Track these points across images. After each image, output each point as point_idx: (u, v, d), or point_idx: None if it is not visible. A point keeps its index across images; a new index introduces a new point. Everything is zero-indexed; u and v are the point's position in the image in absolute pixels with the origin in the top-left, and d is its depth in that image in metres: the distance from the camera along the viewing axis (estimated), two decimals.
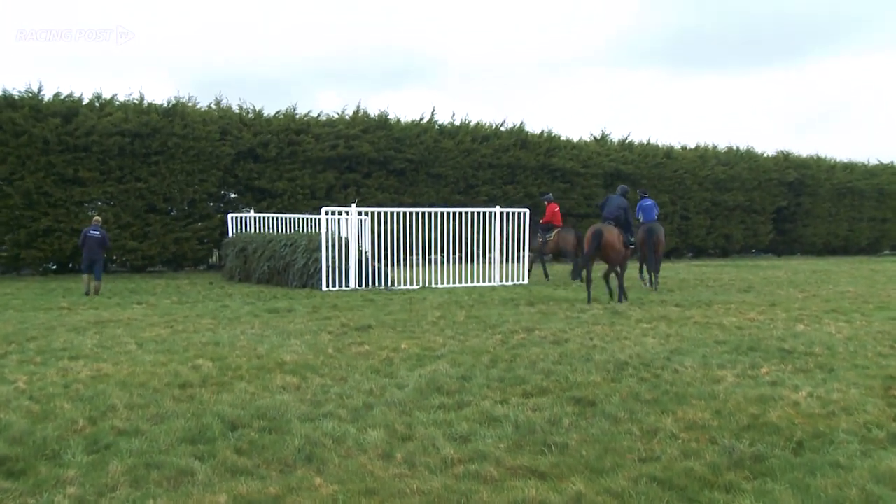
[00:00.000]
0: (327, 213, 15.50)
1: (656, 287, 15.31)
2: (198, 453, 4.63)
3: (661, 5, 64.86)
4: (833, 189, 33.63)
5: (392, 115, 24.66)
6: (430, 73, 66.72)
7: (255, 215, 19.77)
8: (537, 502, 3.92)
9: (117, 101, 20.70)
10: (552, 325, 9.95)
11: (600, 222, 13.23)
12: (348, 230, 15.66)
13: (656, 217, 16.39)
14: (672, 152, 30.05)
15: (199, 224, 21.86)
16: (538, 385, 6.40)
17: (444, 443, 4.84)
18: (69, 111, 19.78)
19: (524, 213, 17.46)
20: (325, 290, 14.80)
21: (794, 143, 72.52)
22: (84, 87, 48.49)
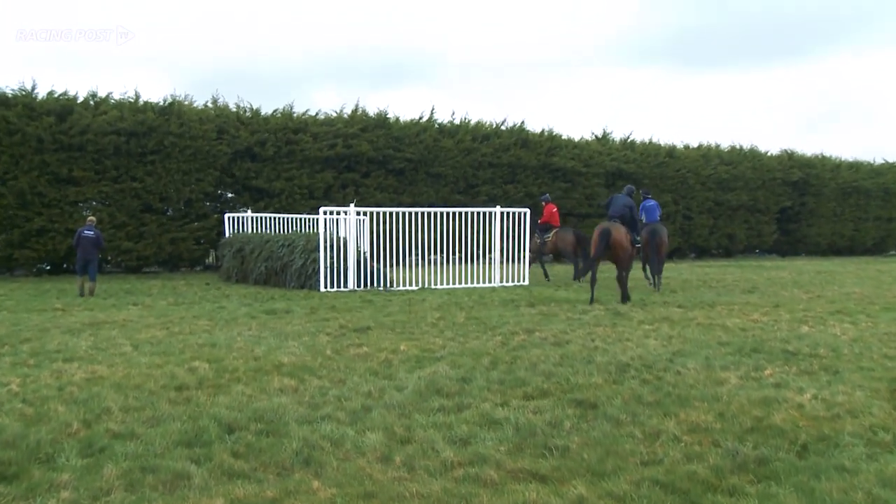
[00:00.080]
0: (325, 213, 15.50)
1: (659, 288, 15.36)
2: (194, 457, 4.63)
3: (662, 3, 64.95)
4: (838, 188, 33.63)
5: (391, 114, 24.67)
6: (429, 71, 66.80)
7: (253, 215, 19.77)
8: None
9: (112, 100, 20.67)
10: (553, 326, 9.95)
11: (606, 221, 13.24)
12: (347, 230, 15.66)
13: (659, 218, 16.47)
14: (674, 151, 30.04)
15: (195, 224, 21.84)
16: (539, 387, 6.40)
17: (443, 446, 4.84)
18: (63, 110, 19.76)
19: (525, 213, 17.46)
20: (323, 291, 14.79)
21: (798, 142, 72.64)
22: (78, 86, 48.56)
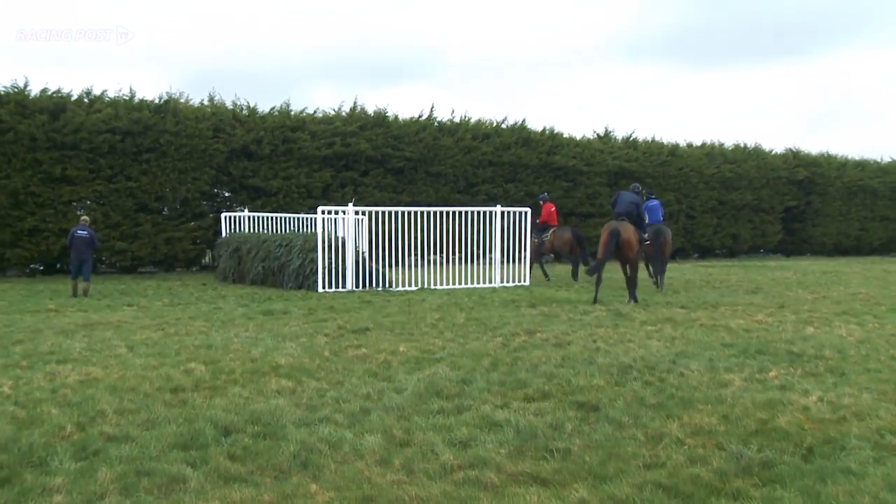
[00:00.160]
0: (323, 213, 15.50)
1: (662, 288, 15.39)
2: (190, 460, 4.63)
3: (663, 1, 64.94)
4: (844, 187, 33.64)
5: (390, 112, 24.70)
6: (429, 69, 66.79)
7: (250, 214, 19.77)
8: None
9: (107, 98, 20.67)
10: (554, 327, 9.95)
11: (614, 220, 13.27)
12: (345, 230, 15.66)
13: (661, 218, 16.54)
14: (677, 150, 30.05)
15: (191, 224, 21.85)
16: (540, 389, 6.40)
17: (443, 448, 4.83)
18: (56, 107, 19.75)
19: (525, 213, 17.46)
20: (321, 292, 14.79)
21: (803, 141, 72.57)
22: (72, 83, 48.48)
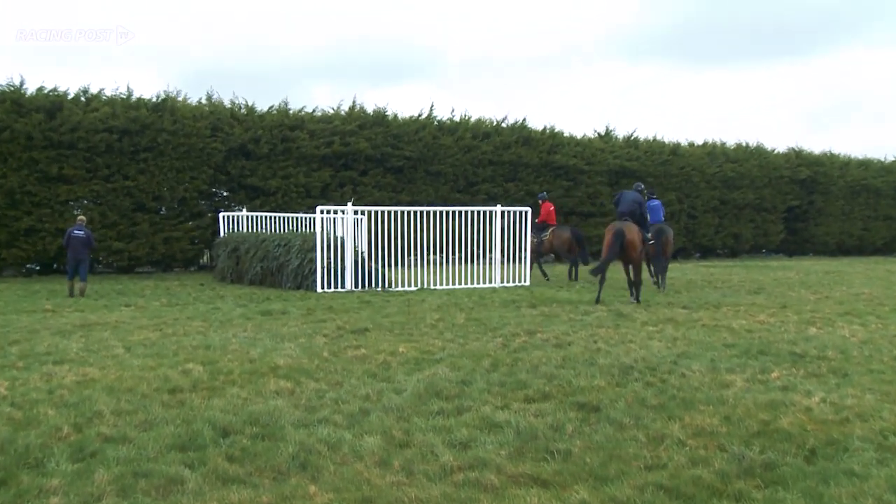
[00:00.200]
0: (322, 213, 15.50)
1: (664, 288, 15.41)
2: (188, 461, 4.63)
3: None
4: (847, 187, 33.64)
5: (389, 111, 24.70)
6: (428, 67, 66.80)
7: (248, 214, 19.76)
8: None
9: (104, 96, 20.66)
10: (555, 327, 9.95)
11: (617, 220, 13.29)
12: (344, 230, 15.65)
13: (663, 218, 16.59)
14: (679, 149, 30.06)
15: (189, 223, 21.85)
16: (540, 390, 6.40)
17: (443, 449, 4.83)
18: (53, 106, 19.73)
19: (526, 213, 17.46)
20: (320, 292, 14.79)
21: (806, 140, 72.55)
22: (69, 82, 48.45)
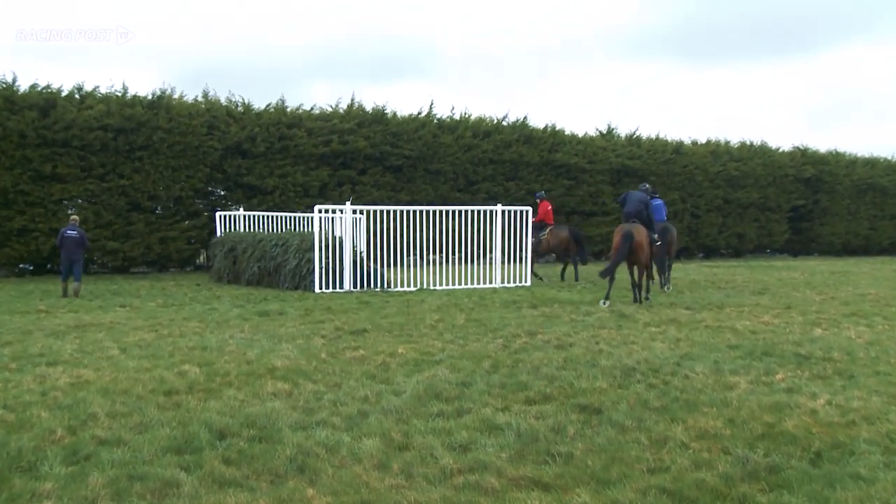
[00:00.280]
0: (320, 212, 15.49)
1: (668, 287, 15.47)
2: (184, 464, 4.63)
3: None
4: (853, 186, 33.63)
5: (388, 109, 24.70)
6: (428, 65, 66.80)
7: (245, 213, 19.76)
8: None
9: (99, 94, 20.64)
10: (556, 328, 9.95)
11: (624, 221, 13.36)
12: (342, 229, 15.65)
13: (665, 217, 16.63)
14: (682, 147, 30.06)
15: (185, 223, 21.85)
16: (541, 392, 6.40)
17: (442, 452, 4.83)
18: (46, 103, 19.71)
19: (527, 212, 17.46)
20: (318, 292, 14.79)
21: (811, 138, 72.60)
22: (63, 80, 48.46)
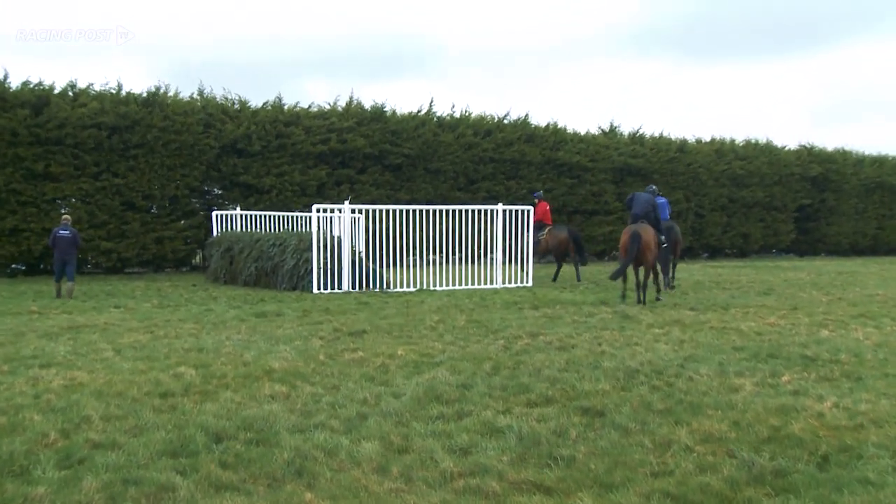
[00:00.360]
0: (319, 211, 15.49)
1: (672, 286, 15.51)
2: (179, 467, 4.63)
3: None
4: (861, 184, 33.64)
5: (388, 107, 24.72)
6: (428, 62, 66.81)
7: (242, 213, 19.76)
8: None
9: (92, 91, 20.64)
10: (558, 329, 9.95)
11: (631, 222, 13.40)
12: (341, 229, 15.65)
13: (668, 216, 16.66)
14: (686, 146, 30.08)
15: (181, 222, 21.87)
16: (543, 394, 6.40)
17: (442, 455, 4.83)
18: (39, 101, 19.70)
19: (528, 211, 17.47)
20: (316, 293, 14.79)
21: (817, 136, 72.59)
22: (55, 76, 48.51)
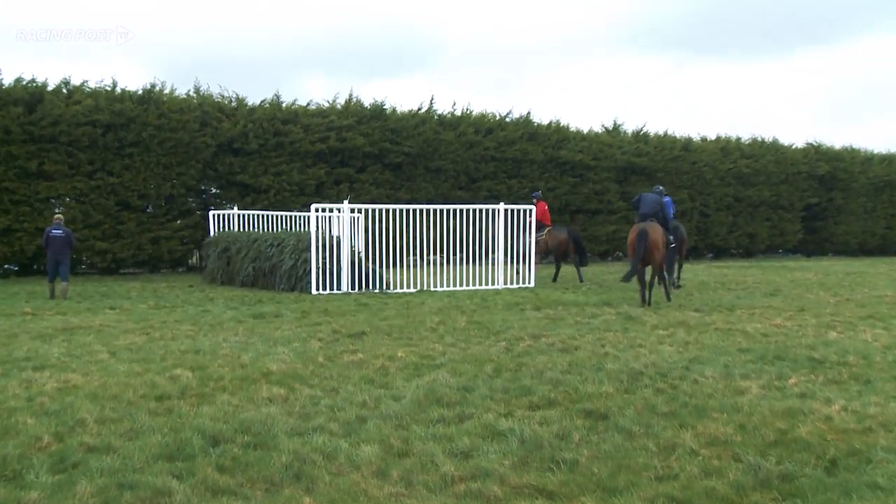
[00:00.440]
0: (317, 211, 15.49)
1: (677, 285, 15.54)
2: (176, 471, 4.62)
3: None
4: (869, 183, 33.61)
5: (387, 105, 24.72)
6: (428, 59, 66.80)
7: (239, 212, 19.76)
8: None
9: (87, 88, 20.65)
10: (560, 331, 9.95)
11: (638, 222, 13.42)
12: (340, 229, 15.65)
13: (673, 215, 16.69)
14: (691, 144, 30.07)
15: (177, 222, 21.87)
16: (545, 396, 6.40)
17: (443, 459, 4.83)
18: (32, 98, 19.72)
19: (530, 211, 17.47)
20: (314, 294, 14.79)
21: (825, 134, 72.57)
22: (49, 74, 48.52)
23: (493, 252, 17.23)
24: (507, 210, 17.24)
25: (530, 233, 17.38)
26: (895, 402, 6.28)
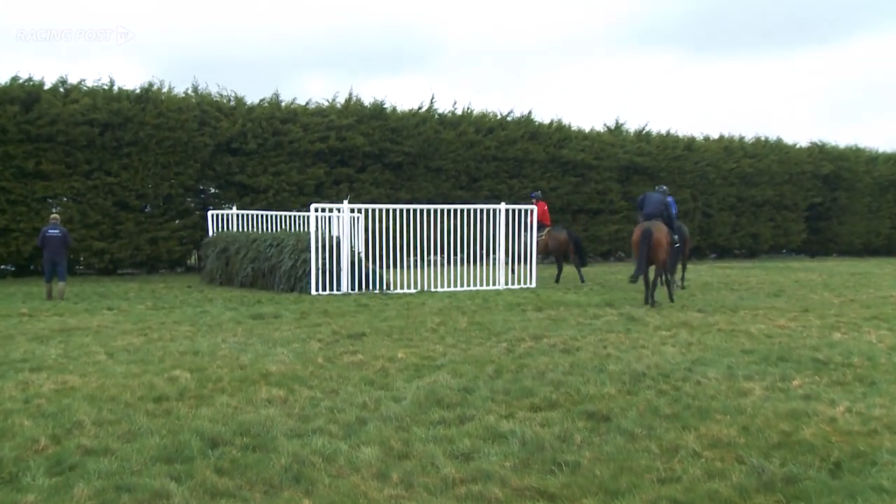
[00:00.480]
0: (317, 211, 15.50)
1: (682, 286, 15.55)
2: (174, 474, 4.62)
3: None
4: (874, 183, 33.60)
5: (388, 104, 24.74)
6: (429, 58, 66.79)
7: (238, 212, 19.76)
8: None
9: (84, 87, 20.67)
10: (562, 332, 9.95)
11: (643, 220, 13.43)
12: (340, 229, 15.66)
13: (675, 215, 16.69)
14: (693, 144, 30.07)
15: (175, 222, 21.88)
16: (547, 398, 6.40)
17: (444, 461, 4.83)
18: (29, 97, 19.74)
19: (531, 211, 17.47)
20: (314, 295, 14.79)
21: (829, 134, 72.50)
22: (46, 73, 48.48)
23: (494, 252, 17.23)
24: (508, 210, 17.25)
25: (531, 233, 17.39)
26: None
